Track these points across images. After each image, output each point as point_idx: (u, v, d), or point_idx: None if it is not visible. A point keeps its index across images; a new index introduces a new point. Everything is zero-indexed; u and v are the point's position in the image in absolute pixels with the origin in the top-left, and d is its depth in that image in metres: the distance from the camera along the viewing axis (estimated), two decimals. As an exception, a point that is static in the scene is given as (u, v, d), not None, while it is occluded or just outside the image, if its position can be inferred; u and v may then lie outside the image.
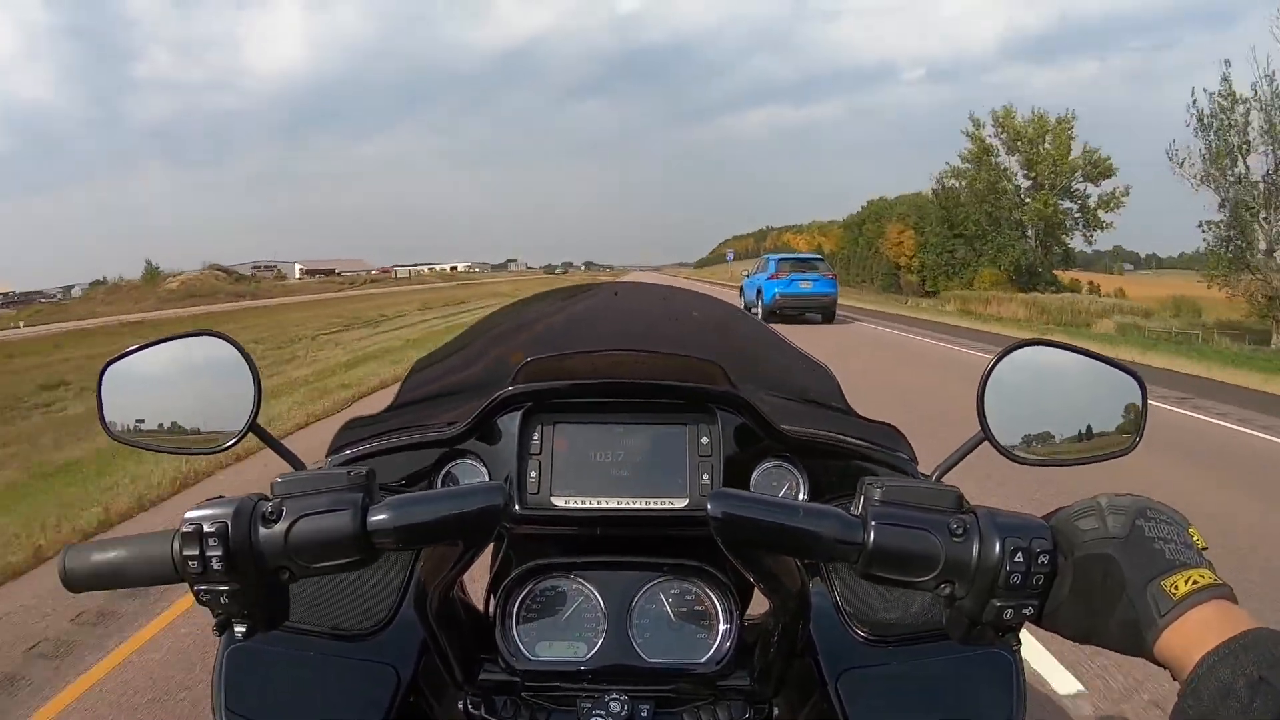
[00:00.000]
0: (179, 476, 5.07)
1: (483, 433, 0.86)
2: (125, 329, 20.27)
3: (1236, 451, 6.38)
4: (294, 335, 16.97)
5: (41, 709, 2.51)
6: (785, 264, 19.12)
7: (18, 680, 2.70)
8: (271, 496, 0.59)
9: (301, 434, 6.48)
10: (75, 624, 3.09)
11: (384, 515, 0.57)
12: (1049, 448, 0.73)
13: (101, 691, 2.59)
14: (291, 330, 18.24)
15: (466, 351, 1.09)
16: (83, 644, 2.93)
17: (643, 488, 0.82)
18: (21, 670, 2.77)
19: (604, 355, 0.92)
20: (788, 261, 19.36)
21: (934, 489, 0.60)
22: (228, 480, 5.15)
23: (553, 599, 0.80)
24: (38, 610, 3.21)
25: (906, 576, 0.58)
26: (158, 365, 0.75)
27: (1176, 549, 0.53)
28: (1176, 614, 0.49)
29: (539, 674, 0.78)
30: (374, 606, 0.82)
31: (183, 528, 0.57)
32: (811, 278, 18.60)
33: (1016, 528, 0.56)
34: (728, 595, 0.80)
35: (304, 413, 7.27)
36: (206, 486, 5.03)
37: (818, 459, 0.88)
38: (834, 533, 0.57)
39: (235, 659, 0.78)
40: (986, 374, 0.71)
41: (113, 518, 4.39)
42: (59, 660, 2.83)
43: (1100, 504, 0.57)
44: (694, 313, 1.16)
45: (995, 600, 0.56)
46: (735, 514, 0.58)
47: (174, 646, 2.86)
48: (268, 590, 0.58)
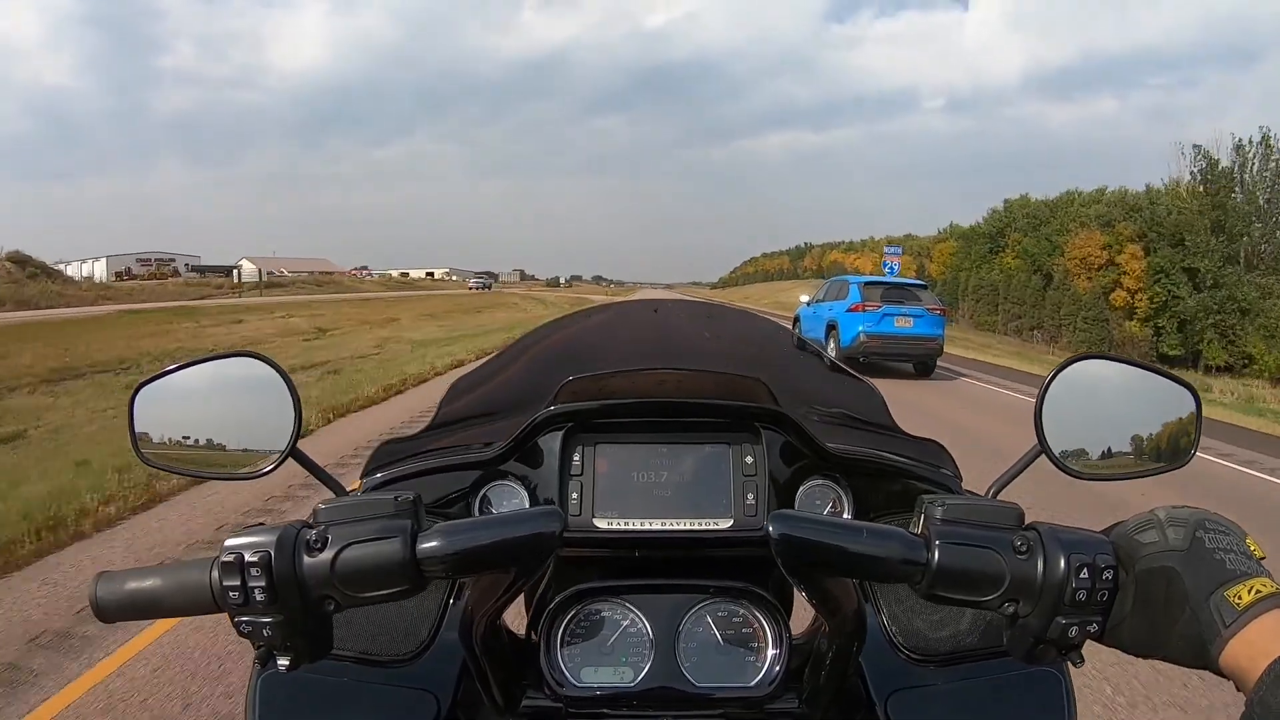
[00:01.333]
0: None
1: (522, 454, 0.84)
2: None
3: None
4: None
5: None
6: (875, 291, 12.96)
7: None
8: (315, 523, 0.57)
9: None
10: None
11: (435, 543, 0.56)
12: (1105, 461, 0.73)
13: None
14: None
15: (505, 371, 1.08)
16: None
17: (686, 508, 0.81)
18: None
19: (645, 374, 0.91)
20: (878, 288, 13.15)
21: (995, 506, 0.59)
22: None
23: (598, 623, 0.79)
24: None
25: (971, 596, 0.57)
26: (194, 387, 0.73)
27: (1237, 559, 0.53)
28: (1241, 624, 0.49)
29: (585, 700, 0.76)
30: (411, 631, 0.80)
31: (222, 556, 0.55)
32: (913, 313, 12.59)
33: (1080, 543, 0.55)
34: (775, 617, 0.78)
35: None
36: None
37: (863, 477, 0.87)
38: (898, 553, 0.56)
39: (269, 686, 0.77)
40: (1044, 388, 0.70)
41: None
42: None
43: (1159, 517, 0.56)
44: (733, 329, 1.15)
45: (1060, 617, 0.55)
46: (796, 536, 0.56)
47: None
48: (312, 621, 0.57)
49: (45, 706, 2.52)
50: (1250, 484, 6.64)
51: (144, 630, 3.01)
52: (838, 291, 13.93)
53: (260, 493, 4.75)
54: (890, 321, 12.50)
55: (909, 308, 12.68)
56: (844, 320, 12.87)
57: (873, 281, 13.67)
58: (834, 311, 13.33)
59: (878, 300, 12.70)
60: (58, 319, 20.05)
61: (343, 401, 8.05)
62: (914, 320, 12.61)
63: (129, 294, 35.62)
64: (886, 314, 12.51)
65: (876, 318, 12.50)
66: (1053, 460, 0.71)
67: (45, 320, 19.57)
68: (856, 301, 12.82)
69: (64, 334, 15.25)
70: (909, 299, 12.90)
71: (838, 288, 14.13)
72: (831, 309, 13.55)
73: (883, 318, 12.51)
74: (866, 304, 12.71)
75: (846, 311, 12.85)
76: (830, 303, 13.88)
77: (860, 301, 12.78)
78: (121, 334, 16.24)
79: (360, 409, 8.05)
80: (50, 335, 14.83)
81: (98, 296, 31.17)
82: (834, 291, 14.19)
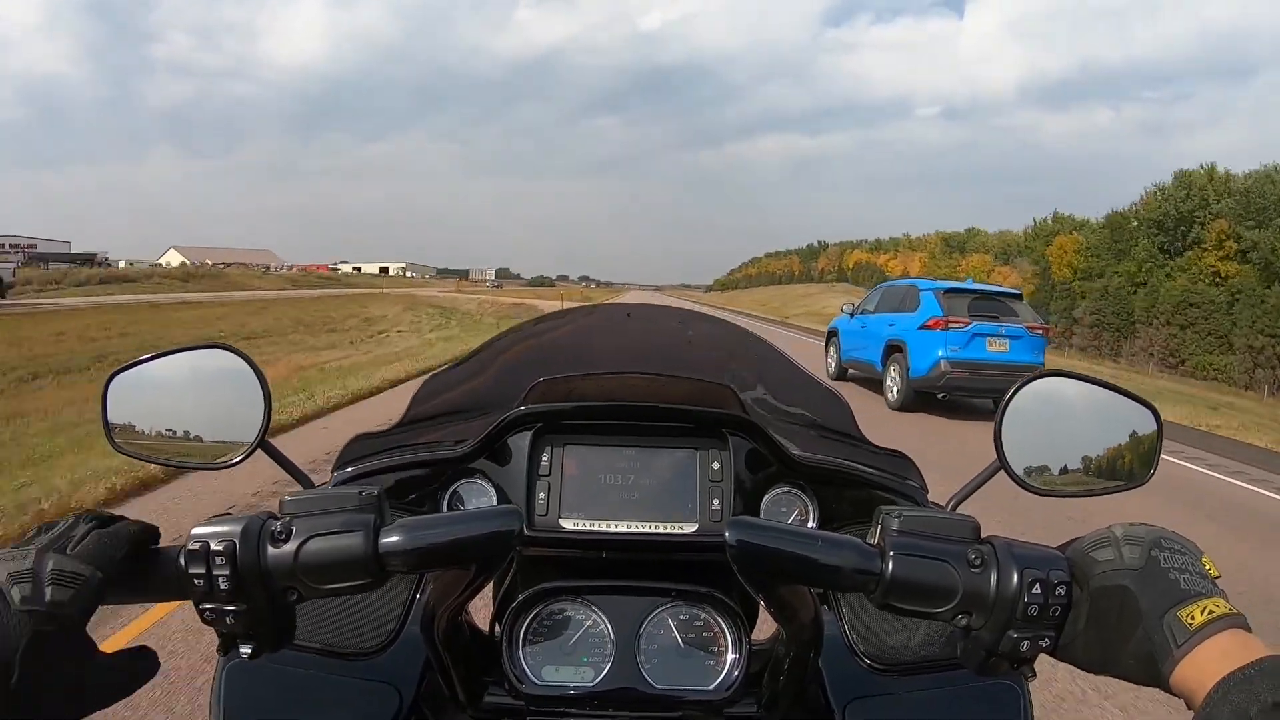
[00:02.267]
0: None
1: (491, 452, 0.85)
2: None
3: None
4: None
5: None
6: (959, 301, 9.51)
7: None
8: (280, 515, 0.58)
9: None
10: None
11: (396, 537, 0.56)
12: (1064, 478, 0.74)
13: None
14: None
15: (477, 369, 1.09)
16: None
17: (652, 512, 0.82)
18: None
19: (616, 377, 0.92)
20: (962, 297, 9.64)
21: (951, 519, 0.59)
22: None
23: (560, 622, 0.79)
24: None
25: (924, 607, 0.57)
26: (165, 377, 0.74)
27: (1192, 579, 0.53)
28: (1193, 644, 0.49)
29: (545, 698, 0.76)
30: (376, 625, 0.81)
31: (189, 545, 0.56)
32: (1010, 332, 9.27)
33: (1034, 559, 0.56)
34: (736, 622, 0.79)
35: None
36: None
37: (829, 486, 0.88)
38: (852, 563, 0.57)
39: (234, 677, 0.77)
40: (1005, 404, 0.71)
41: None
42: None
43: (1115, 534, 0.57)
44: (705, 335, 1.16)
45: (1012, 631, 0.56)
46: (753, 542, 0.57)
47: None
48: (275, 611, 0.57)
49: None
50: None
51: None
52: (900, 300, 10.36)
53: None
54: (981, 344, 9.13)
55: (1005, 325, 9.27)
56: (915, 340, 9.40)
57: (956, 289, 9.94)
58: (898, 328, 9.88)
59: (964, 315, 9.25)
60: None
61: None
62: (1009, 343, 9.21)
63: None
64: (976, 333, 9.12)
65: (964, 338, 9.09)
66: (1012, 476, 0.72)
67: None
68: (934, 315, 9.34)
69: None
70: (1004, 314, 9.46)
71: (900, 295, 10.53)
72: (894, 324, 10.01)
73: (971, 338, 9.10)
74: (950, 319, 9.19)
75: (919, 329, 9.40)
76: (888, 315, 10.35)
77: (940, 316, 9.26)
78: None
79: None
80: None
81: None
82: (892, 300, 10.65)
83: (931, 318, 9.40)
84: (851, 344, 11.59)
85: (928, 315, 9.46)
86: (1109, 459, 0.74)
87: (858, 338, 11.31)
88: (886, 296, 11.12)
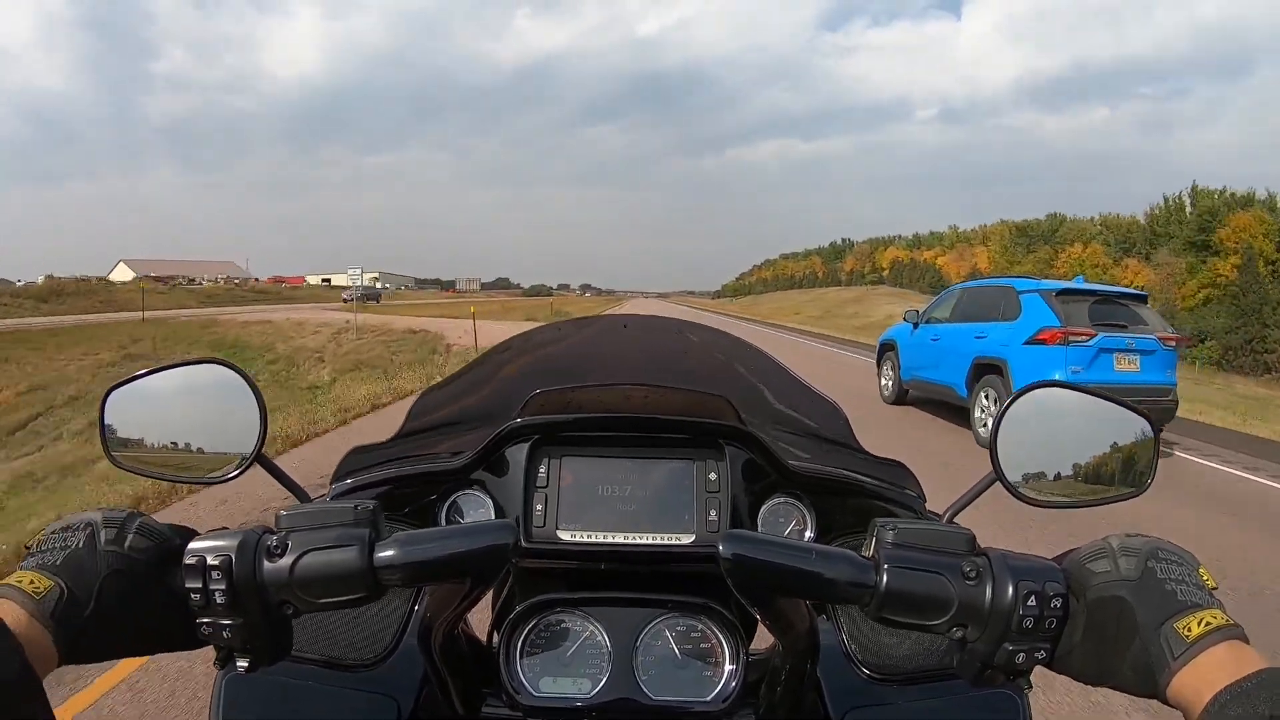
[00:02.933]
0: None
1: (489, 464, 0.85)
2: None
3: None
4: None
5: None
6: (1078, 307, 7.32)
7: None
8: (276, 529, 0.58)
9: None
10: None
11: (391, 552, 0.57)
12: (1061, 489, 0.73)
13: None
14: None
15: (474, 381, 1.09)
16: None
17: (649, 523, 0.82)
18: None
19: (613, 389, 0.92)
20: (1081, 301, 7.43)
21: (946, 531, 0.60)
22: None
23: (558, 634, 0.79)
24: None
25: (919, 620, 0.57)
26: (162, 392, 0.74)
27: (1188, 590, 0.53)
28: (1190, 656, 0.49)
29: (542, 710, 0.76)
30: (375, 637, 0.81)
31: (185, 560, 0.56)
32: (1141, 345, 7.19)
33: (1029, 571, 0.56)
34: (733, 633, 0.79)
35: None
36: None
37: (826, 496, 0.88)
38: (847, 576, 0.57)
39: (233, 689, 0.77)
40: (1000, 415, 0.71)
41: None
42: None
43: (1112, 545, 0.57)
44: (702, 345, 1.16)
45: (1008, 644, 0.56)
46: (747, 555, 0.57)
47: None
48: (271, 624, 0.57)
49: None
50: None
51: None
52: (990, 305, 8.17)
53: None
54: (1108, 362, 6.99)
55: (1134, 336, 7.09)
56: (1020, 359, 7.25)
57: (1071, 290, 7.52)
58: (992, 341, 7.75)
59: (1087, 324, 7.03)
60: None
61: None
62: (1139, 359, 7.07)
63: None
64: (1103, 348, 6.96)
65: (1088, 355, 6.93)
66: (1007, 487, 0.72)
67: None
68: (1049, 325, 7.11)
69: None
70: (1131, 321, 7.26)
71: (990, 299, 8.29)
72: (985, 336, 7.89)
73: (1097, 355, 6.95)
74: (1071, 330, 6.96)
75: (1026, 343, 7.23)
76: (973, 324, 8.27)
77: (1058, 326, 7.03)
78: None
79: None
80: None
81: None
82: (978, 305, 8.48)
83: (1045, 328, 7.10)
84: (917, 360, 9.32)
85: (1038, 325, 7.18)
86: (1105, 469, 0.74)
87: (926, 352, 9.07)
88: (968, 300, 8.78)
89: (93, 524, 0.56)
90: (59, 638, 0.51)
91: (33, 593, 0.51)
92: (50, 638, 0.50)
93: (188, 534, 0.59)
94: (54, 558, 0.54)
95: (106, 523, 0.57)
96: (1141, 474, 0.73)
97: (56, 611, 0.51)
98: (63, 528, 0.57)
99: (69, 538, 0.55)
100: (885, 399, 10.27)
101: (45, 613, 0.51)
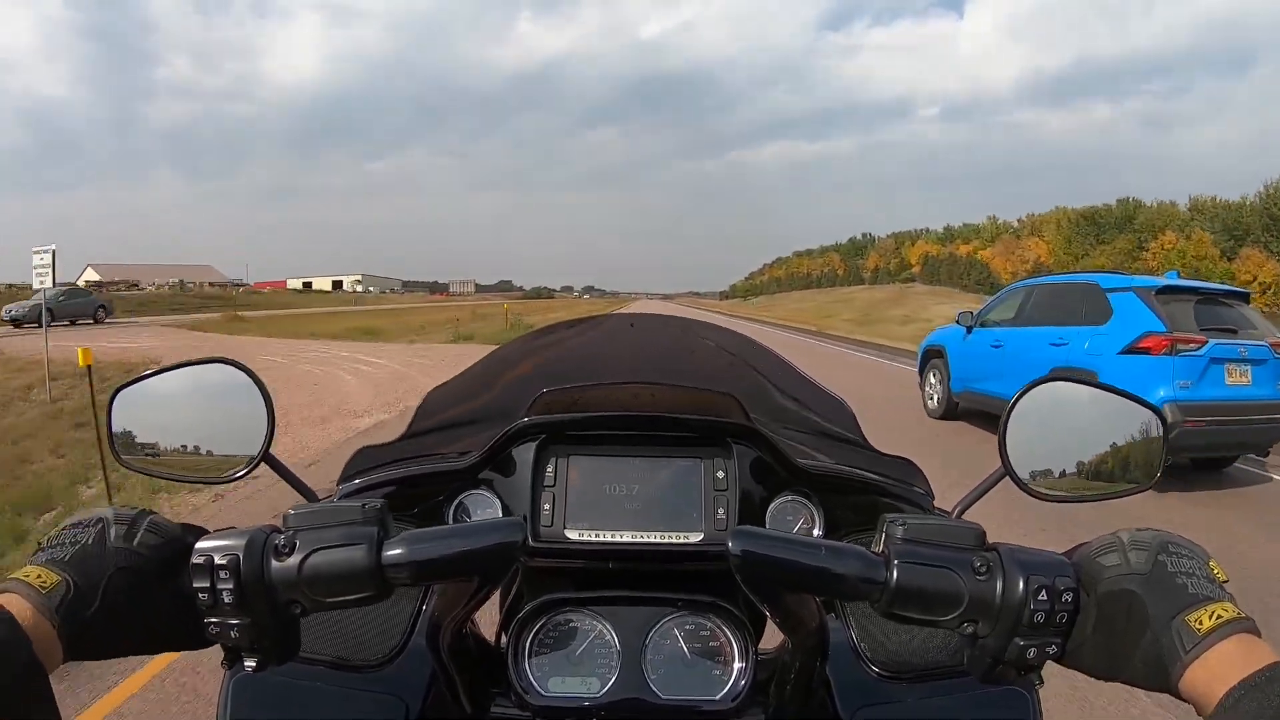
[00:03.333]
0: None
1: (496, 464, 0.85)
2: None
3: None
4: None
5: None
6: (1182, 307, 5.96)
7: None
8: (284, 529, 0.58)
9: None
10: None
11: (399, 550, 0.57)
12: (1069, 484, 0.73)
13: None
14: None
15: (481, 381, 1.09)
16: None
17: (657, 522, 0.82)
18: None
19: (620, 387, 0.92)
20: (1183, 299, 6.03)
21: (956, 526, 0.59)
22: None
23: (566, 634, 0.79)
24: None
25: (929, 615, 0.57)
26: (170, 392, 0.74)
27: (1199, 583, 0.53)
28: (1201, 649, 0.49)
29: (551, 710, 0.76)
30: (382, 637, 0.81)
31: (193, 559, 0.56)
32: (1254, 354, 5.79)
33: (1040, 565, 0.56)
34: (743, 631, 0.79)
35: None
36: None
37: (834, 494, 0.88)
38: (857, 571, 0.57)
39: (240, 690, 0.77)
40: (1009, 410, 0.71)
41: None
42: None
43: (1122, 539, 0.57)
44: (709, 344, 1.16)
45: (1018, 639, 0.55)
46: (757, 552, 0.57)
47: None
48: (279, 624, 0.57)
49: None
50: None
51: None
52: (1070, 305, 6.95)
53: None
54: (1219, 375, 5.77)
55: (1246, 344, 5.90)
56: (1115, 370, 5.97)
57: (1172, 288, 6.24)
58: (1074, 349, 6.56)
59: (1194, 329, 5.89)
60: None
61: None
62: (1251, 370, 5.87)
63: None
64: (1214, 358, 5.76)
65: (1198, 367, 5.73)
66: (1016, 482, 0.72)
67: None
68: (1150, 331, 5.90)
69: None
70: (1240, 325, 6.13)
71: (1069, 298, 7.04)
72: (1065, 343, 6.70)
73: (1208, 366, 5.75)
74: (1179, 338, 5.78)
75: (1121, 352, 6.03)
76: (1046, 328, 7.07)
77: (1161, 332, 5.84)
78: None
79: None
80: None
81: None
82: (1052, 304, 7.26)
83: (1146, 334, 5.89)
84: (972, 370, 8.12)
85: (1138, 330, 5.96)
86: (1114, 463, 0.74)
87: (984, 361, 7.88)
88: (1039, 300, 7.55)
89: (104, 520, 0.56)
90: (64, 633, 0.50)
91: (39, 587, 0.51)
92: (55, 632, 0.50)
93: (199, 533, 0.59)
94: (63, 553, 0.54)
95: (117, 519, 0.56)
96: (1150, 468, 0.73)
97: (62, 607, 0.51)
98: (74, 524, 0.57)
99: (79, 534, 0.55)
100: (930, 413, 8.99)
101: (51, 608, 0.50)
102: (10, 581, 0.51)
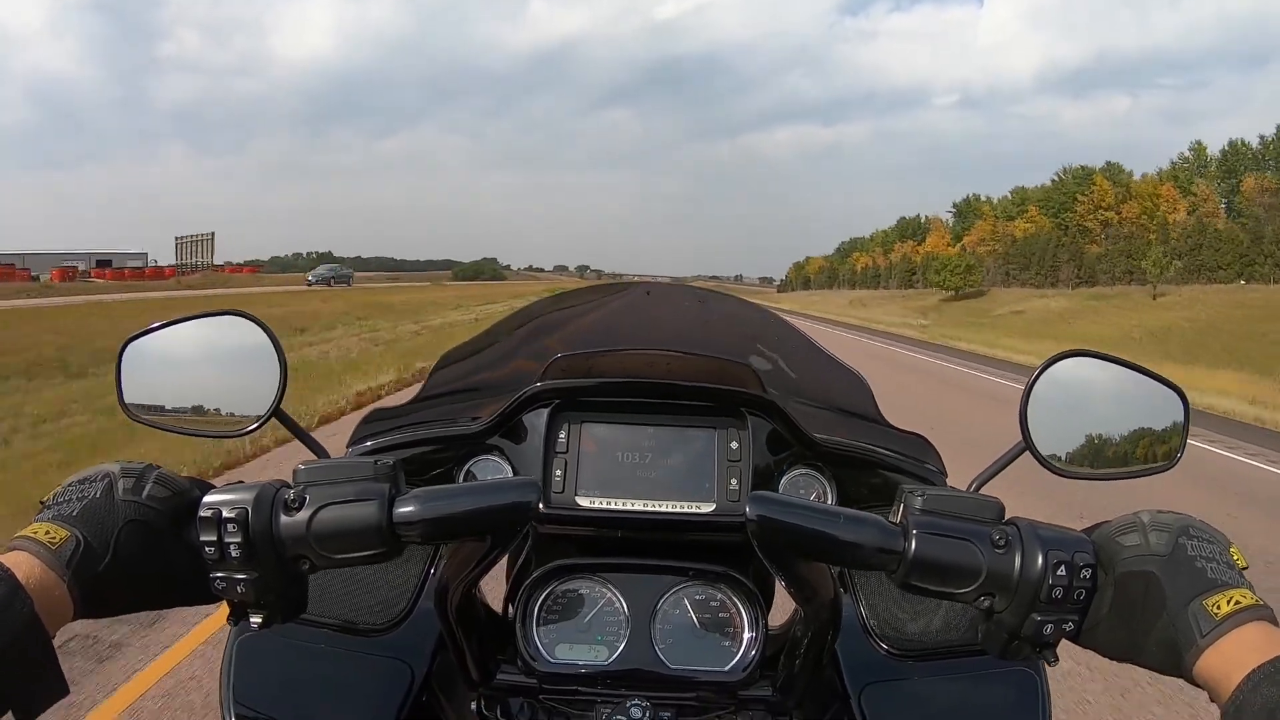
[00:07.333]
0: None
1: (508, 429, 0.84)
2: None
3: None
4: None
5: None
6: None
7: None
8: (294, 484, 0.57)
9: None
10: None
11: (411, 507, 0.56)
12: (1090, 460, 0.72)
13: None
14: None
15: (495, 346, 1.08)
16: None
17: (669, 491, 0.81)
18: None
19: (634, 354, 0.91)
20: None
21: (975, 499, 0.58)
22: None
23: (575, 601, 0.79)
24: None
25: (946, 588, 0.56)
26: (180, 344, 0.73)
27: (1218, 568, 0.52)
28: (1218, 634, 0.49)
29: (558, 676, 0.76)
30: (390, 601, 0.80)
31: (201, 512, 0.55)
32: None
33: (1059, 541, 0.55)
34: (753, 603, 0.78)
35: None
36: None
37: (847, 468, 0.87)
38: (874, 540, 0.56)
39: (245, 650, 0.77)
40: (1031, 384, 0.70)
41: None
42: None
43: (1143, 520, 0.56)
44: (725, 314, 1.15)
45: (1035, 614, 0.55)
46: (773, 518, 0.56)
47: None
48: (286, 580, 0.57)
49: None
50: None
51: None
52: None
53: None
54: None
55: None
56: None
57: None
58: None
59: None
60: None
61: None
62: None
63: None
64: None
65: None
66: (1036, 457, 0.71)
67: None
68: None
69: None
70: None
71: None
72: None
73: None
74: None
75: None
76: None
77: None
78: None
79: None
80: None
81: None
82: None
83: None
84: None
85: None
86: (1136, 442, 0.73)
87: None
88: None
89: (110, 475, 0.55)
90: (75, 589, 0.50)
91: (49, 543, 0.50)
92: (66, 589, 0.49)
93: (206, 486, 0.58)
94: (71, 509, 0.53)
95: (124, 473, 0.56)
96: (1172, 449, 0.72)
97: (73, 562, 0.50)
98: (80, 479, 0.56)
99: (86, 489, 0.54)
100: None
101: (61, 563, 0.50)
102: (18, 539, 0.50)
